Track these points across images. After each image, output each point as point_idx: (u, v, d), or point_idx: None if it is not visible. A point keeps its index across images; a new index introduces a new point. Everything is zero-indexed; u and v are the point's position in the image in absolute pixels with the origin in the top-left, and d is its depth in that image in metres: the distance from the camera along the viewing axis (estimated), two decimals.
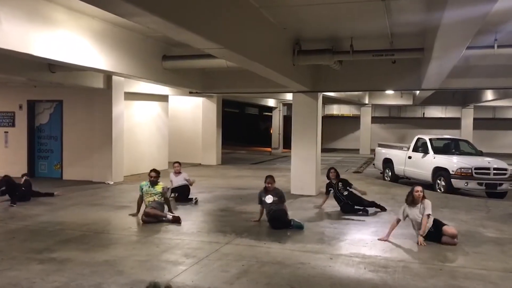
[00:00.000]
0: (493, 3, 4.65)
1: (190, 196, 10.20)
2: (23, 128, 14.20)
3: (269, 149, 29.39)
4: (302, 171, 11.56)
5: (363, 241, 7.04)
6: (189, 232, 7.57)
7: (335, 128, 33.29)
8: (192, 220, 8.36)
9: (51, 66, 10.29)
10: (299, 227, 7.71)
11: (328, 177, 9.66)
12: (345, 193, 9.33)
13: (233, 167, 18.60)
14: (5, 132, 14.42)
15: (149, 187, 8.35)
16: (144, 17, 4.73)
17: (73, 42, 7.95)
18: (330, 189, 9.52)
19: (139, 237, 7.17)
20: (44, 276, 5.21)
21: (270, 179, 8.15)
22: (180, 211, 8.88)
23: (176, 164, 10.62)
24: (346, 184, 9.47)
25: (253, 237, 7.14)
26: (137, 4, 4.30)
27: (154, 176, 8.44)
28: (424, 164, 13.21)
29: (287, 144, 23.61)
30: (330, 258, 6.14)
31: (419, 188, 7.06)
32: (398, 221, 7.17)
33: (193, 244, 6.76)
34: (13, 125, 14.35)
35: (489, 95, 20.95)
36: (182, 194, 10.16)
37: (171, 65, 11.17)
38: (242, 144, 32.71)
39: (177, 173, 10.49)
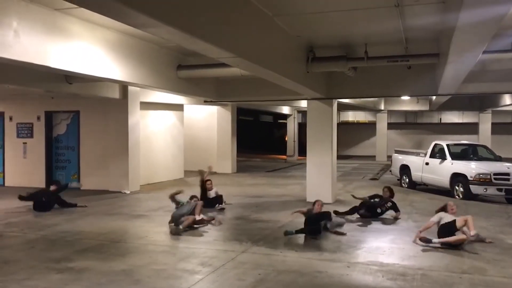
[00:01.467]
0: (510, 4, 4.58)
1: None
2: (41, 139, 14.41)
3: (284, 156, 29.34)
4: (318, 179, 11.50)
5: (381, 249, 6.97)
6: (205, 240, 7.57)
7: (350, 134, 33.11)
8: (208, 229, 8.36)
9: (68, 77, 10.45)
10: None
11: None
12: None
13: (248, 175, 18.61)
14: (23, 143, 14.66)
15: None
16: (159, 28, 4.77)
17: (89, 54, 8.06)
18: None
19: (155, 246, 7.19)
20: (62, 286, 5.26)
21: (319, 201, 8.29)
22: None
23: (209, 182, 10.88)
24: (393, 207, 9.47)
25: (269, 246, 7.11)
26: (152, 15, 4.35)
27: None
28: (442, 170, 13.04)
29: (302, 151, 23.53)
30: (348, 266, 6.08)
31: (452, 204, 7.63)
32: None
33: (209, 253, 6.76)
34: (31, 136, 14.58)
35: (507, 99, 20.60)
36: (209, 203, 10.37)
37: (186, 74, 11.25)
38: (257, 152, 32.70)
39: (209, 190, 10.79)
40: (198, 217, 8.37)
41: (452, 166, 12.69)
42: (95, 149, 13.61)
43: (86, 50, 8.00)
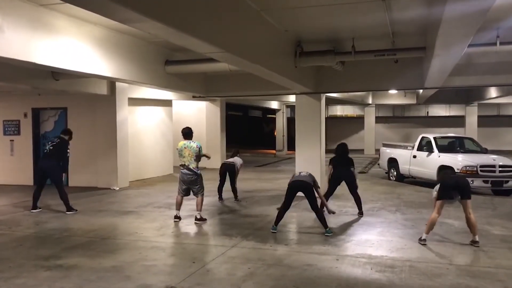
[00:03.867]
0: None
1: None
2: (28, 136, 14.26)
3: (273, 151, 29.39)
4: None
5: (369, 242, 7.04)
6: (195, 236, 7.59)
7: (339, 128, 33.24)
8: (197, 224, 8.37)
9: (55, 74, 10.34)
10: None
11: None
12: None
13: None
14: (10, 140, 14.50)
15: None
16: (145, 22, 4.75)
17: (75, 50, 7.99)
18: None
19: (145, 242, 7.18)
20: (51, 283, 5.23)
21: None
22: (186, 216, 8.90)
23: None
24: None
25: (258, 240, 7.14)
26: (137, 10, 4.32)
27: None
28: (429, 163, 13.16)
29: (291, 146, 23.57)
30: (337, 259, 6.13)
31: None
32: None
33: (199, 248, 6.77)
34: (18, 133, 14.42)
35: (493, 92, 20.86)
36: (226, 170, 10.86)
37: (174, 70, 11.20)
38: (246, 147, 32.70)
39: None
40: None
41: (439, 158, 12.81)
42: (84, 145, 13.47)
43: (73, 46, 7.92)
